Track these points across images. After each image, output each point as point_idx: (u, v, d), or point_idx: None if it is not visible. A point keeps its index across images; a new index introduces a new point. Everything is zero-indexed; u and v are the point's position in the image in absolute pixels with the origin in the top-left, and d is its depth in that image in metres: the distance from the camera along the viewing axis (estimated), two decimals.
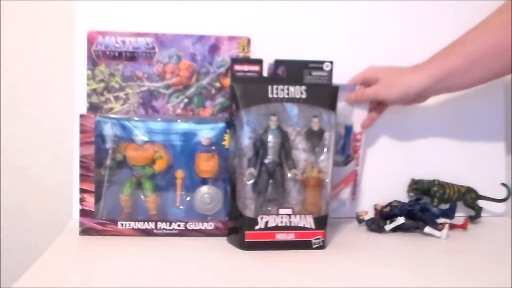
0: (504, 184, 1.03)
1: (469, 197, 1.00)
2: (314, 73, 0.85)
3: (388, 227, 0.90)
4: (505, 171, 1.07)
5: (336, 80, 0.86)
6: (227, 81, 0.94)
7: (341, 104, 0.95)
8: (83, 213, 0.85)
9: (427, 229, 0.88)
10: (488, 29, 0.89)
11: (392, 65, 0.96)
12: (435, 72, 0.90)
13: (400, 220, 0.89)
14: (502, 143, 1.07)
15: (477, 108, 1.06)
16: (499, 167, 1.06)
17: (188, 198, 0.88)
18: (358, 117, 0.97)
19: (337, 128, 0.94)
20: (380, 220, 0.91)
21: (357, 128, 0.97)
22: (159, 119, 0.89)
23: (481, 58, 0.88)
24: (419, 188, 0.99)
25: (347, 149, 0.95)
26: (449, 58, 0.90)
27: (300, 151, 0.85)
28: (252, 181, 0.83)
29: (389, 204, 0.93)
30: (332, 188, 0.93)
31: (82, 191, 0.85)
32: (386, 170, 1.03)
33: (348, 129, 0.95)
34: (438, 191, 0.98)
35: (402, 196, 1.00)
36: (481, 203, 1.01)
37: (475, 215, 1.00)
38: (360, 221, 0.94)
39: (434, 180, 0.99)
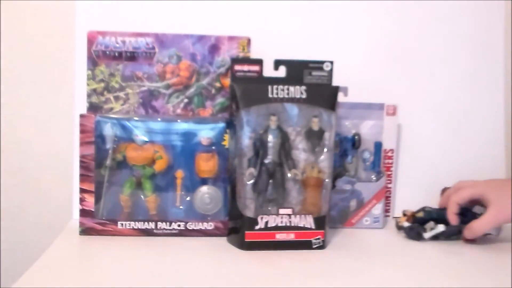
0: None
1: None
2: (314, 73, 0.85)
3: (428, 235, 0.87)
4: (505, 170, 1.07)
5: (338, 81, 0.85)
6: (227, 81, 0.94)
7: (369, 122, 0.96)
8: (83, 213, 0.85)
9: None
10: None
11: (495, 179, 0.91)
12: None
13: (440, 228, 0.86)
14: (502, 144, 1.07)
15: (477, 107, 1.06)
16: (499, 167, 1.06)
17: (188, 198, 0.88)
18: (387, 134, 0.97)
19: (368, 144, 0.96)
20: (420, 227, 0.87)
21: (386, 145, 0.98)
22: (159, 119, 0.89)
23: None
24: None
25: (377, 165, 0.96)
26: None
27: (300, 151, 0.85)
28: (252, 181, 0.83)
29: (422, 209, 0.89)
30: (364, 204, 0.94)
31: (82, 191, 0.85)
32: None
33: (378, 145, 0.96)
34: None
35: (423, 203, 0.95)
36: None
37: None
38: (399, 228, 0.90)
39: None
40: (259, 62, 0.84)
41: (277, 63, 0.85)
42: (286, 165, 0.84)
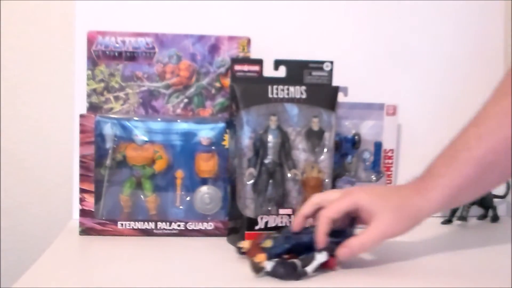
0: None
1: (487, 196, 0.97)
2: (314, 73, 0.85)
3: (310, 268, 0.68)
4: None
5: (338, 81, 0.85)
6: (227, 81, 0.94)
7: (369, 122, 0.96)
8: (83, 213, 0.85)
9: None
10: (491, 123, 0.73)
11: (371, 188, 0.77)
12: (446, 192, 0.71)
13: (322, 257, 0.68)
14: None
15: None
16: None
17: (188, 198, 0.88)
18: (387, 134, 0.97)
19: (367, 144, 0.95)
20: (288, 263, 0.69)
21: (387, 146, 0.97)
22: (159, 119, 0.89)
23: (495, 160, 0.71)
24: None
25: (377, 166, 0.96)
26: (457, 169, 0.72)
27: (300, 151, 0.85)
28: (252, 181, 0.83)
29: (268, 237, 0.73)
30: None
31: (82, 191, 0.85)
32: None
33: (378, 146, 0.96)
34: None
35: None
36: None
37: (494, 214, 1.00)
38: (258, 270, 0.69)
39: None
40: (259, 62, 0.84)
41: (277, 63, 0.85)
42: (286, 165, 0.84)
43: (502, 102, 0.73)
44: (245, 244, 0.73)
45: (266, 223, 0.80)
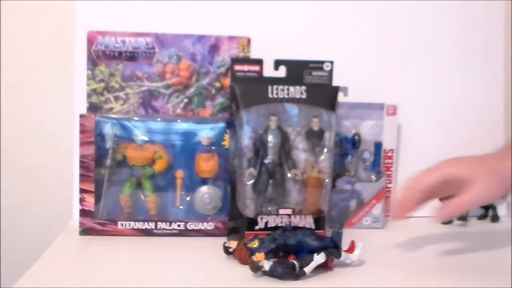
0: None
1: None
2: (314, 73, 0.85)
3: (308, 268, 0.69)
4: None
5: (338, 81, 0.85)
6: (227, 81, 0.94)
7: (369, 122, 0.96)
8: (83, 213, 0.85)
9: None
10: None
11: (461, 157, 0.79)
12: None
13: (320, 258, 0.70)
14: (502, 144, 1.07)
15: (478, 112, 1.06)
16: None
17: (188, 198, 0.88)
18: (387, 134, 0.97)
19: (367, 144, 0.95)
20: (287, 262, 0.70)
21: (387, 146, 0.97)
22: (159, 119, 0.89)
23: None
24: None
25: (377, 165, 0.96)
26: None
27: (300, 151, 0.85)
28: (252, 181, 0.83)
29: (255, 237, 0.73)
30: (364, 204, 0.93)
31: (82, 191, 0.85)
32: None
33: (378, 145, 0.96)
34: None
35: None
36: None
37: (494, 214, 1.00)
38: (257, 269, 0.69)
39: None
40: (259, 62, 0.84)
41: (277, 63, 0.85)
42: (286, 165, 0.84)
43: None
44: (232, 244, 0.75)
45: (266, 223, 0.80)
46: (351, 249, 0.74)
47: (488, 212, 1.01)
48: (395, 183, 1.00)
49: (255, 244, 0.71)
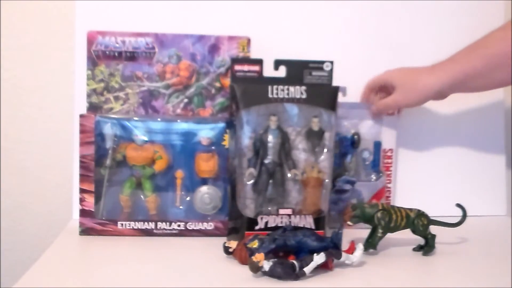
0: (459, 205, 0.84)
1: (419, 224, 0.81)
2: (314, 73, 0.85)
3: (308, 269, 0.69)
4: (505, 169, 1.07)
5: (337, 81, 0.85)
6: (227, 81, 0.94)
7: (368, 122, 0.96)
8: (83, 213, 0.85)
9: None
10: (510, 32, 0.85)
11: (406, 67, 0.94)
12: (454, 74, 0.88)
13: (320, 258, 0.70)
14: (503, 157, 1.07)
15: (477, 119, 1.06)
16: (499, 166, 1.06)
17: (188, 198, 0.88)
18: (386, 133, 0.97)
19: (367, 143, 0.95)
20: (287, 262, 0.70)
21: (386, 145, 0.97)
22: (159, 119, 0.89)
23: (502, 62, 0.85)
24: (358, 215, 0.79)
25: (377, 165, 0.96)
26: (470, 60, 0.87)
27: (300, 151, 0.85)
28: (252, 181, 0.83)
29: (255, 237, 0.73)
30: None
31: (82, 191, 0.85)
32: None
33: (377, 145, 0.96)
34: (383, 218, 0.79)
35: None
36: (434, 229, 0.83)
37: (428, 245, 0.81)
38: (256, 269, 0.69)
39: (376, 204, 0.80)
40: (259, 62, 0.84)
41: (277, 63, 0.85)
42: (286, 165, 0.84)
43: None
44: (232, 244, 0.75)
45: (266, 223, 0.80)
46: (351, 249, 0.74)
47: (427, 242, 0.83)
48: (394, 183, 1.00)
49: (255, 244, 0.71)
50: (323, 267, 0.71)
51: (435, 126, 1.05)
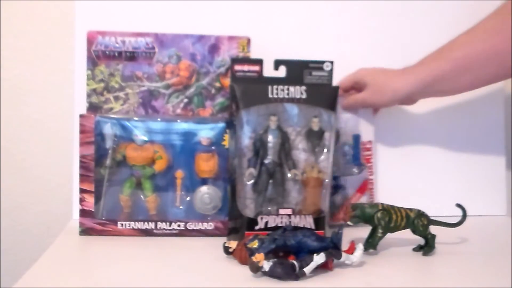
0: (459, 205, 0.84)
1: (419, 224, 0.80)
2: (314, 73, 0.85)
3: (308, 268, 0.69)
4: (505, 168, 1.07)
5: (338, 81, 0.86)
6: (227, 81, 0.94)
7: (347, 115, 0.96)
8: (83, 213, 0.85)
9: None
10: (478, 34, 0.86)
11: (381, 68, 0.94)
12: (422, 77, 0.88)
13: (320, 258, 0.70)
14: (503, 157, 1.07)
15: (478, 120, 1.06)
16: (498, 166, 1.06)
17: (188, 198, 0.88)
18: (364, 126, 0.97)
19: (346, 137, 0.95)
20: (287, 261, 0.70)
21: (365, 137, 0.97)
22: (159, 119, 0.89)
23: (469, 65, 0.86)
24: (358, 215, 0.79)
25: (357, 158, 0.95)
26: (438, 63, 0.88)
27: (300, 151, 0.85)
28: (252, 181, 0.83)
29: (255, 237, 0.72)
30: (349, 198, 0.93)
31: (82, 191, 0.85)
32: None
33: (356, 138, 0.96)
34: (383, 219, 0.79)
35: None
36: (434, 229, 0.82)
37: (428, 245, 0.80)
38: (257, 269, 0.69)
39: (376, 204, 0.80)
40: (259, 62, 0.84)
41: (277, 63, 0.85)
42: (286, 165, 0.84)
43: (492, 20, 0.86)
44: (232, 244, 0.75)
45: (266, 223, 0.80)
46: (351, 249, 0.74)
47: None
48: (376, 174, 1.00)
49: (255, 244, 0.71)
50: (323, 267, 0.71)
51: (435, 126, 1.05)
